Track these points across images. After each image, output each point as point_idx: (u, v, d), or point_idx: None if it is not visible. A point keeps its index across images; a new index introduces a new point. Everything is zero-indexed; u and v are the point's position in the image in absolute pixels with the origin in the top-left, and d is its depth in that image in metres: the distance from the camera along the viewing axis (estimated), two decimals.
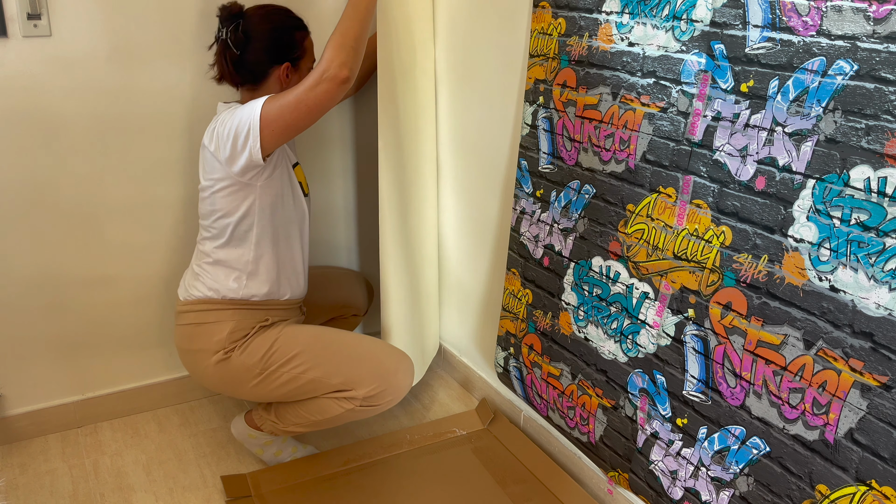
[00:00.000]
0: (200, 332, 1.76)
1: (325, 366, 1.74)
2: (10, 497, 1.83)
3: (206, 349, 1.75)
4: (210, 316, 1.75)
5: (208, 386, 1.87)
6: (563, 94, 1.73)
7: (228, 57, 1.69)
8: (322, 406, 1.77)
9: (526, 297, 1.99)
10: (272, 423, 1.86)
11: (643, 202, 1.56)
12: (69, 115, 1.85)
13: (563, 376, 1.90)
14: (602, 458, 1.82)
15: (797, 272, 1.27)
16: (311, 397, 1.78)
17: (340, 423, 1.81)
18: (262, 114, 1.59)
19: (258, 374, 1.74)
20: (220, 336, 1.74)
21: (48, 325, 2.00)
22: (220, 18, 1.70)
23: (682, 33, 1.41)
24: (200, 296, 1.77)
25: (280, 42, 1.71)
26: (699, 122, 1.41)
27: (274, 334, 1.77)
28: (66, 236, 1.94)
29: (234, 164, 1.65)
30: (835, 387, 1.24)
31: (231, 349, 1.74)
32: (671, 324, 1.54)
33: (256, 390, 1.77)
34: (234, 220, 1.72)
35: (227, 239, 1.74)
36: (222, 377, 1.77)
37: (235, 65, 1.70)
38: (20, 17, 1.72)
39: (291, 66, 1.74)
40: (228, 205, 1.71)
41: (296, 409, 1.81)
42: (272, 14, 1.72)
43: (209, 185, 1.72)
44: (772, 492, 1.38)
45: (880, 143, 1.12)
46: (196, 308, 1.76)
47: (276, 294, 1.81)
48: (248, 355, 1.74)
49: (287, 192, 1.78)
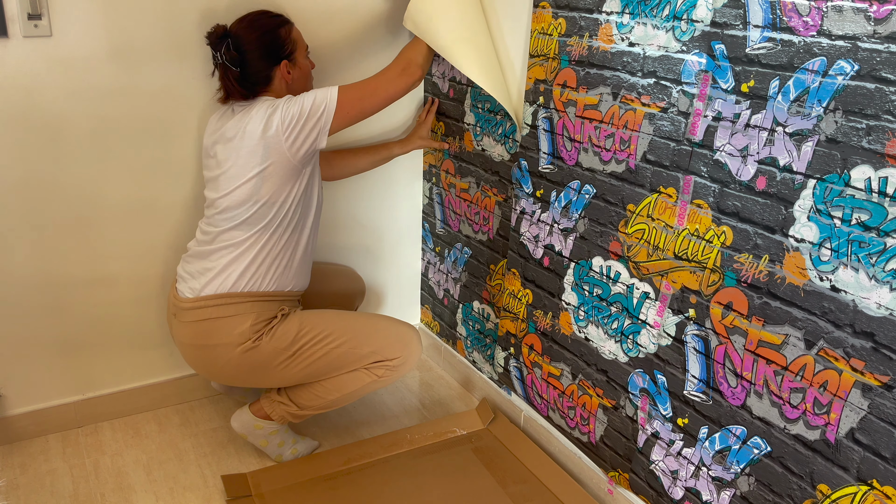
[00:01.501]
0: (219, 327, 1.77)
1: (355, 339, 1.83)
2: (10, 497, 1.83)
3: (227, 342, 1.77)
4: (229, 310, 1.77)
5: (223, 378, 1.88)
6: (563, 95, 1.73)
7: (231, 76, 1.76)
8: (342, 382, 1.85)
9: (526, 297, 1.99)
10: (284, 406, 1.89)
11: (644, 202, 1.57)
12: (69, 115, 1.85)
13: (563, 376, 1.90)
14: (602, 458, 1.82)
15: (798, 272, 1.27)
16: (334, 375, 1.84)
17: (354, 399, 1.90)
18: (340, 99, 1.74)
19: (290, 355, 1.79)
20: (243, 328, 1.76)
21: (49, 325, 2.00)
22: (211, 45, 1.77)
23: (682, 33, 1.41)
24: (214, 291, 1.77)
25: (271, 45, 1.78)
26: (700, 122, 1.41)
27: (297, 318, 1.82)
28: (67, 236, 1.94)
29: (299, 149, 1.73)
30: (836, 387, 1.24)
31: (258, 337, 1.78)
32: (672, 324, 1.54)
33: (284, 373, 1.81)
34: (278, 204, 1.76)
35: (264, 225, 1.77)
36: (249, 365, 1.80)
37: (240, 81, 1.76)
38: (21, 17, 1.71)
39: (289, 62, 1.81)
40: (274, 189, 1.74)
41: (313, 389, 1.87)
42: (254, 21, 1.78)
43: (252, 171, 1.72)
44: (773, 492, 1.38)
45: (881, 143, 1.12)
46: (212, 303, 1.77)
47: (285, 286, 1.84)
48: (277, 339, 1.78)
49: (316, 181, 1.86)
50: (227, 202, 1.76)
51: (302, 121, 1.71)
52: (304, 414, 1.91)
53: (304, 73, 1.88)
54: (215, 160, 1.79)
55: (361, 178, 2.33)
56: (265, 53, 1.77)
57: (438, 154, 2.32)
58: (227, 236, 1.79)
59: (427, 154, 2.39)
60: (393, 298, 2.55)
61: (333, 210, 2.30)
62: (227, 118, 1.79)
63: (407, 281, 2.56)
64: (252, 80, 1.77)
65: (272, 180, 1.74)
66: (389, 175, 2.38)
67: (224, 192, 1.76)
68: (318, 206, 1.88)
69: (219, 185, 1.78)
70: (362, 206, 2.38)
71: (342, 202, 2.33)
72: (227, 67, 1.75)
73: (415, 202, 2.47)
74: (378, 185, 2.36)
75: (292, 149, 1.72)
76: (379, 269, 2.49)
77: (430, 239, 2.46)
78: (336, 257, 2.39)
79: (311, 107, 1.72)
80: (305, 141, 1.73)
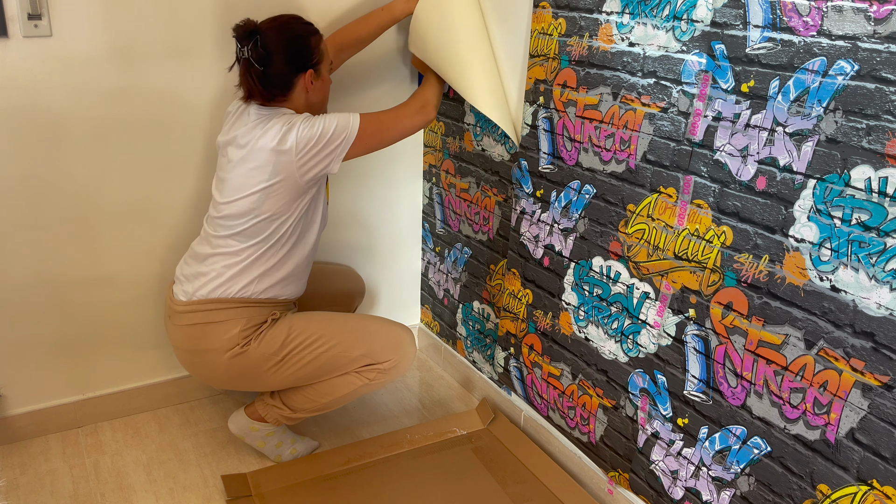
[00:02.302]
0: (208, 332, 1.76)
1: (345, 343, 1.82)
2: (10, 497, 1.83)
3: (216, 348, 1.76)
4: (218, 315, 1.75)
5: (215, 383, 1.88)
6: (563, 95, 1.73)
7: (253, 74, 1.70)
8: (333, 386, 1.84)
9: (526, 298, 1.99)
10: (278, 410, 1.89)
11: (644, 202, 1.57)
12: (69, 115, 1.85)
13: (563, 376, 1.91)
14: (602, 458, 1.82)
15: (798, 272, 1.27)
16: (325, 378, 1.83)
17: (347, 401, 1.89)
18: (361, 128, 1.73)
19: (278, 360, 1.78)
20: (231, 333, 1.75)
21: (48, 325, 2.00)
22: (238, 38, 1.70)
23: (682, 33, 1.41)
24: (205, 296, 1.76)
25: (300, 51, 1.73)
26: (700, 122, 1.41)
27: (286, 323, 1.81)
28: (67, 236, 1.94)
29: (309, 171, 1.70)
30: (836, 387, 1.24)
31: (246, 342, 1.77)
32: (672, 324, 1.54)
33: (273, 377, 1.80)
34: (278, 222, 1.74)
35: (261, 239, 1.75)
36: (238, 370, 1.79)
37: (262, 81, 1.71)
38: (21, 17, 1.71)
39: (314, 72, 1.76)
40: (276, 207, 1.72)
41: (305, 393, 1.86)
42: (287, 24, 1.73)
43: (257, 186, 1.70)
44: (773, 492, 1.38)
45: (881, 143, 1.12)
46: (202, 308, 1.76)
47: (280, 294, 1.83)
48: (265, 345, 1.77)
49: (321, 201, 1.84)
50: (228, 210, 1.75)
51: (319, 145, 1.68)
52: (298, 416, 1.91)
53: (325, 87, 1.83)
54: (226, 159, 1.76)
55: (362, 177, 2.33)
56: (292, 58, 1.71)
57: (438, 154, 2.32)
58: (224, 243, 1.77)
59: (427, 154, 2.39)
60: (393, 298, 2.55)
61: (334, 209, 2.30)
62: (243, 122, 1.75)
63: (407, 281, 2.56)
64: (273, 82, 1.71)
65: (276, 197, 1.71)
66: (389, 175, 2.38)
67: (226, 200, 1.74)
68: (321, 224, 1.86)
69: (223, 190, 1.76)
70: (362, 205, 2.38)
71: (342, 202, 2.33)
72: (250, 64, 1.69)
73: (415, 202, 2.47)
74: (378, 185, 2.36)
75: (302, 170, 1.69)
76: (379, 269, 2.48)
77: (430, 239, 2.46)
78: (336, 257, 2.39)
79: (332, 132, 1.69)
80: (318, 165, 1.70)
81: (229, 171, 1.74)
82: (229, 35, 1.94)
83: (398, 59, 2.26)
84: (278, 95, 1.74)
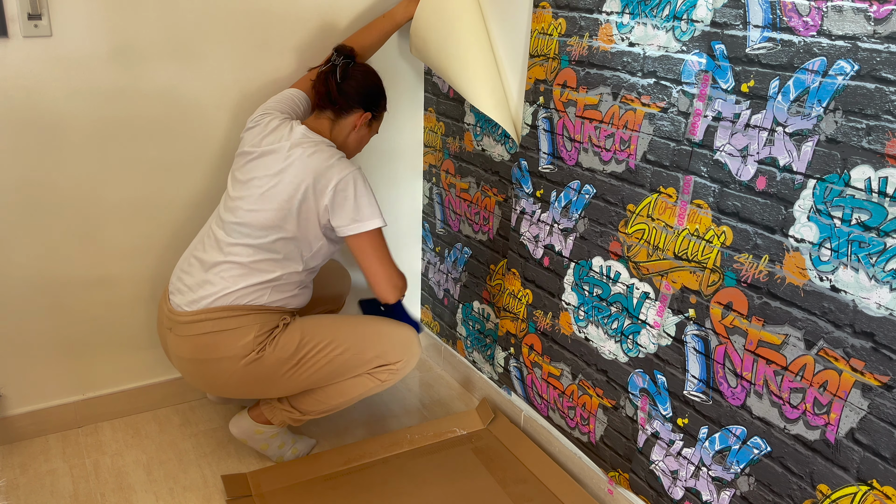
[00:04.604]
0: (222, 340, 1.74)
1: (358, 345, 1.85)
2: (10, 497, 1.83)
3: (231, 356, 1.74)
4: (231, 322, 1.73)
5: (224, 392, 1.85)
6: (563, 95, 1.73)
7: (332, 79, 1.84)
8: (346, 388, 1.86)
9: (526, 298, 1.99)
10: (287, 413, 1.90)
11: (644, 202, 1.57)
12: (69, 115, 1.85)
13: (563, 376, 1.91)
14: (602, 458, 1.82)
15: (798, 272, 1.27)
16: (338, 381, 1.85)
17: (357, 400, 1.92)
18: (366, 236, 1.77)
19: (293, 364, 1.79)
20: (246, 340, 1.74)
21: (49, 325, 2.00)
22: (337, 49, 1.88)
23: (682, 33, 1.41)
24: (215, 304, 1.74)
25: (373, 94, 1.90)
26: (700, 122, 1.41)
27: (298, 327, 1.81)
28: (67, 236, 1.94)
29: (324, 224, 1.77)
30: (836, 387, 1.24)
31: (261, 348, 1.76)
32: (672, 324, 1.54)
33: (289, 382, 1.81)
34: (301, 246, 1.77)
35: (281, 258, 1.76)
36: (254, 377, 1.78)
37: (337, 87, 1.83)
38: (21, 17, 1.71)
39: (370, 118, 1.90)
40: (304, 232, 1.76)
41: (316, 395, 1.87)
42: (375, 74, 1.92)
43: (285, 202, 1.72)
44: (773, 492, 1.38)
45: (881, 143, 1.12)
46: (213, 316, 1.73)
47: (289, 304, 1.83)
48: (280, 350, 1.77)
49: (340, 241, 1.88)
50: (250, 218, 1.73)
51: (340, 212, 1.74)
52: (306, 418, 1.92)
53: (365, 139, 1.95)
54: (260, 162, 1.76)
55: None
56: (365, 94, 1.86)
57: (438, 154, 2.32)
58: (237, 251, 1.74)
59: (427, 154, 2.39)
60: None
61: None
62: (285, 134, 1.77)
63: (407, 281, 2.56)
64: (341, 95, 1.82)
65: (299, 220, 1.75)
66: (389, 175, 2.38)
67: (250, 208, 1.73)
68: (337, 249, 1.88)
69: (249, 194, 1.75)
70: None
71: None
72: (334, 69, 1.83)
73: (415, 202, 2.47)
74: (378, 185, 2.36)
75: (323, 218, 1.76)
76: None
77: (430, 239, 2.46)
78: (336, 257, 2.39)
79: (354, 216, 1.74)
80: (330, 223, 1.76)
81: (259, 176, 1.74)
82: (229, 35, 1.95)
83: (402, 63, 2.26)
84: (337, 109, 1.84)
